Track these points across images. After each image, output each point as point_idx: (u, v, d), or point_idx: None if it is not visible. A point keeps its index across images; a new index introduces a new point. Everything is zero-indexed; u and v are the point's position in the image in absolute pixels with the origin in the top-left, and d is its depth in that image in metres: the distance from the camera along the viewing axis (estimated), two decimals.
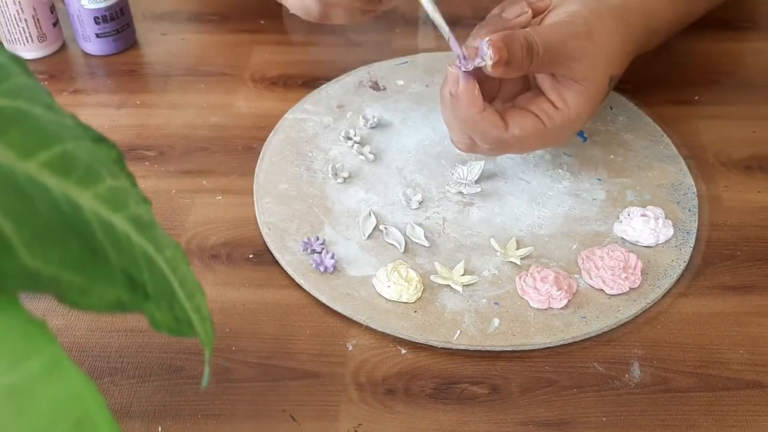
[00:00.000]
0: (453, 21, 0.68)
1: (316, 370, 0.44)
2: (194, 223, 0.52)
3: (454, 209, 0.52)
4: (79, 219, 0.24)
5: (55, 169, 0.24)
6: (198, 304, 0.28)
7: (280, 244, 0.49)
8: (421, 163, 0.55)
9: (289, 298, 0.47)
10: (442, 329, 0.45)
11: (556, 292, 0.46)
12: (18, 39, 0.65)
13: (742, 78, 0.65)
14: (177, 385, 0.43)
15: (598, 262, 0.48)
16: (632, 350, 0.45)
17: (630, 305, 0.46)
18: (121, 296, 0.24)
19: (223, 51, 0.68)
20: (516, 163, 0.55)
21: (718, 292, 0.48)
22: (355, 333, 0.45)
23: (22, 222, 0.21)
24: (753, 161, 0.57)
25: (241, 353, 0.44)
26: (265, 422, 0.41)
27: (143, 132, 0.60)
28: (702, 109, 0.61)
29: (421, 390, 0.43)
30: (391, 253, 0.49)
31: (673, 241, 0.50)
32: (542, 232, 0.50)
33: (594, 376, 0.43)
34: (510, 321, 0.45)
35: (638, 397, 0.42)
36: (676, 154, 0.56)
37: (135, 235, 0.26)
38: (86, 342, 0.45)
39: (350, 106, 0.60)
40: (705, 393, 0.43)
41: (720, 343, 0.45)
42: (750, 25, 0.71)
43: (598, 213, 0.52)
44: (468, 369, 0.44)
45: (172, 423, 0.41)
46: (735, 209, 0.53)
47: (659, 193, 0.53)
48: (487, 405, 0.42)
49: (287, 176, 0.54)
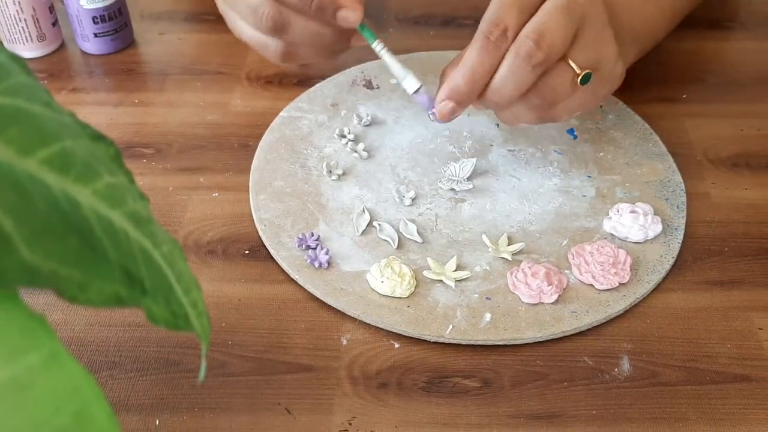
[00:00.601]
0: (446, 21, 0.68)
1: (310, 363, 0.44)
2: (191, 219, 0.53)
3: (446, 206, 0.52)
4: (78, 215, 0.24)
5: (54, 167, 0.24)
6: (195, 299, 0.28)
7: (275, 240, 0.50)
8: (413, 161, 0.56)
9: (284, 293, 0.48)
10: (434, 324, 0.45)
11: (547, 287, 0.46)
12: (17, 38, 0.66)
13: (728, 76, 0.66)
14: (174, 378, 0.43)
15: (587, 258, 0.48)
16: (621, 344, 0.45)
17: (619, 300, 0.47)
18: (119, 291, 0.24)
19: (219, 50, 0.68)
20: (507, 160, 0.56)
21: (705, 288, 0.48)
22: (349, 327, 0.46)
23: (21, 218, 0.22)
24: (740, 159, 0.57)
25: (237, 347, 0.45)
26: (260, 415, 0.42)
27: (141, 130, 0.60)
28: (690, 108, 0.62)
29: (413, 383, 0.43)
30: (384, 248, 0.49)
31: (661, 237, 0.50)
32: (533, 228, 0.51)
33: (584, 369, 0.44)
34: (501, 315, 0.46)
35: (627, 391, 0.43)
36: (665, 151, 0.57)
37: (133, 231, 0.26)
38: (85, 336, 0.45)
39: (344, 105, 0.61)
40: (693, 386, 0.43)
41: (708, 337, 0.46)
42: (736, 24, 0.72)
43: (587, 209, 0.52)
44: (460, 363, 0.44)
45: (169, 416, 0.42)
46: (722, 206, 0.54)
47: (648, 190, 0.54)
48: (478, 398, 0.43)
49: (282, 173, 0.55)
